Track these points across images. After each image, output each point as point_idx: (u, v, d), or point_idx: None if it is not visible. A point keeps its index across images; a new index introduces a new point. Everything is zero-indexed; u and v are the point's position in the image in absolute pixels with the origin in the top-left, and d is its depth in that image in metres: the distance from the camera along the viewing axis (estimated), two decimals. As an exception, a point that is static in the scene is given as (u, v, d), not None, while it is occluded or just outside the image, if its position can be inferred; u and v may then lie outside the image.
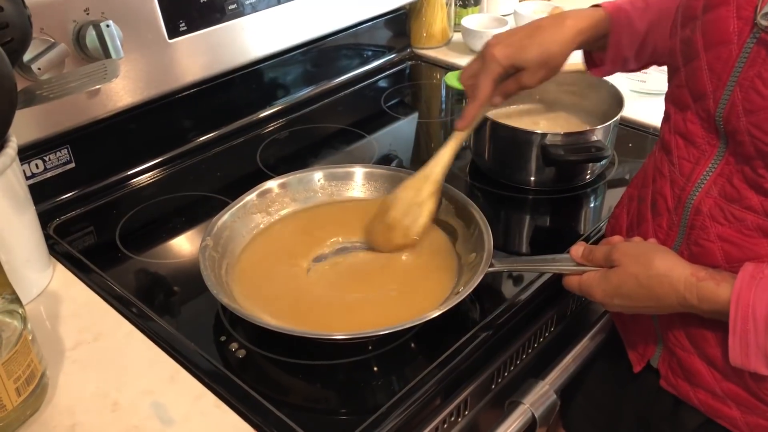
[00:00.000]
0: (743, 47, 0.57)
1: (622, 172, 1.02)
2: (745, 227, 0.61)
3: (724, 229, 0.63)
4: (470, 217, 0.81)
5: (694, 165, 0.64)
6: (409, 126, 1.21)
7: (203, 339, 0.74)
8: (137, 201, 0.98)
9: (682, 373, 0.71)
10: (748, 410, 0.66)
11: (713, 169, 0.63)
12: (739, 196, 0.61)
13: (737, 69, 0.58)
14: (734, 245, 0.62)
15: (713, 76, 0.60)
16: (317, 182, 0.89)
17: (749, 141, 0.58)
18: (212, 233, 0.78)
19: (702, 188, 0.64)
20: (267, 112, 1.19)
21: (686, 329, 0.68)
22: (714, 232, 0.63)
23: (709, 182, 0.63)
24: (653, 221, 0.70)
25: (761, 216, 0.60)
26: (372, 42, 1.35)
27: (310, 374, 0.70)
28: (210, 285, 0.71)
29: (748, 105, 0.57)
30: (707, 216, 0.64)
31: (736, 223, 0.62)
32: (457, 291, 0.74)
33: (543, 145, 0.91)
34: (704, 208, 0.64)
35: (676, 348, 0.71)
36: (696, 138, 0.64)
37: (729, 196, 0.62)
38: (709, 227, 0.64)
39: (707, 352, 0.67)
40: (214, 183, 1.02)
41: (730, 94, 0.59)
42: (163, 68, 1.00)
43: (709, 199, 0.63)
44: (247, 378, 0.69)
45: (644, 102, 1.18)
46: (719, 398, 0.68)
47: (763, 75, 0.56)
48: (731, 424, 0.68)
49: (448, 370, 0.70)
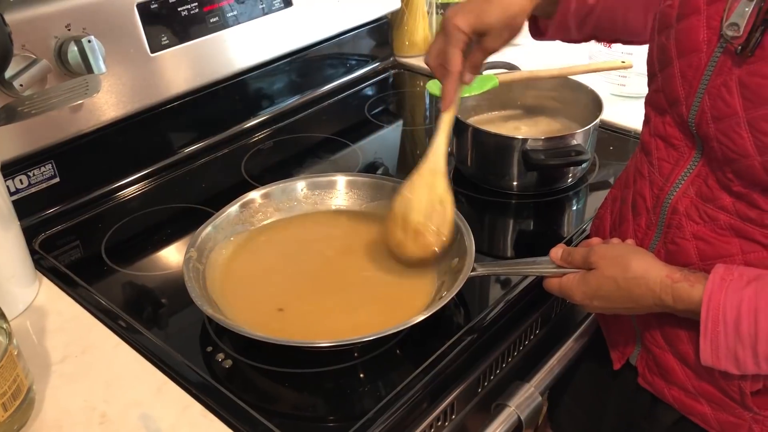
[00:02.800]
0: (711, 56, 0.58)
1: (604, 175, 1.04)
2: (718, 226, 0.63)
3: (699, 228, 0.64)
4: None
5: (673, 166, 0.66)
6: (393, 134, 1.22)
7: (190, 350, 0.74)
8: (122, 214, 0.98)
9: (657, 371, 0.72)
10: (719, 407, 0.68)
11: (691, 169, 0.64)
12: (713, 196, 0.62)
13: (706, 77, 0.59)
14: (708, 243, 0.64)
15: (685, 83, 0.61)
16: (300, 192, 0.89)
17: (717, 147, 0.59)
18: (196, 245, 0.78)
19: (680, 188, 0.65)
20: (251, 123, 1.20)
21: (662, 328, 0.70)
22: (689, 230, 0.65)
23: (687, 183, 0.64)
24: (633, 221, 0.72)
25: (733, 216, 0.61)
26: (355, 51, 1.36)
27: (297, 382, 0.71)
28: (194, 297, 0.71)
29: (716, 112, 0.59)
30: (684, 215, 0.65)
31: (710, 223, 0.63)
32: (440, 296, 0.74)
33: (524, 150, 0.92)
34: (681, 207, 0.65)
35: (653, 346, 0.72)
36: (675, 141, 0.65)
37: (704, 196, 0.63)
38: (684, 226, 0.65)
39: (680, 350, 0.69)
40: (199, 194, 1.02)
41: (700, 101, 0.60)
42: (146, 82, 1.00)
43: (686, 199, 0.65)
44: (234, 388, 0.69)
45: (624, 105, 1.20)
46: (692, 395, 0.69)
47: (728, 84, 0.57)
48: (703, 421, 0.69)
49: (434, 375, 0.70)
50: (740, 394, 0.65)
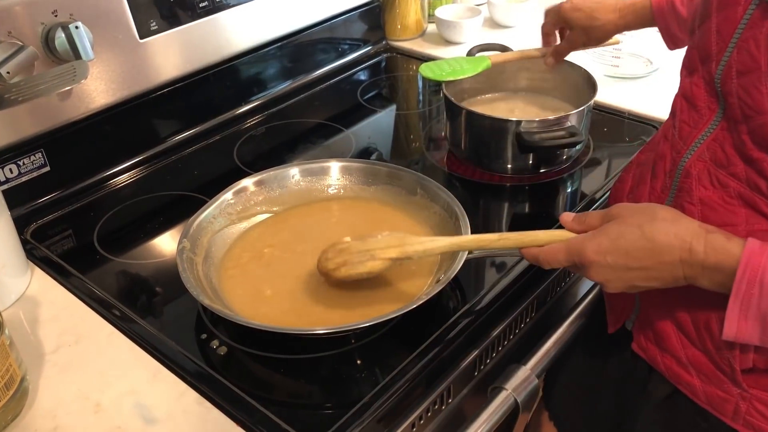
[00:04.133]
0: (747, 9, 0.58)
1: (598, 157, 1.03)
2: (727, 194, 0.62)
3: (707, 194, 0.64)
4: (446, 205, 0.82)
5: (692, 128, 0.65)
6: (387, 118, 1.21)
7: (184, 338, 0.74)
8: (115, 202, 0.98)
9: (653, 337, 0.72)
10: (708, 379, 0.68)
11: (709, 133, 0.64)
12: (727, 162, 0.62)
13: (739, 30, 0.59)
14: (713, 210, 0.63)
15: (719, 38, 0.61)
16: (293, 178, 0.89)
17: (737, 103, 0.59)
18: (188, 235, 0.78)
19: (695, 151, 0.65)
20: (243, 109, 1.19)
21: (663, 293, 0.68)
22: (697, 195, 0.64)
23: (703, 146, 0.64)
24: (650, 183, 0.72)
25: (743, 184, 0.61)
26: (347, 35, 1.35)
27: (293, 369, 0.70)
28: (190, 287, 0.71)
29: (741, 66, 0.59)
30: (695, 179, 0.65)
31: (720, 189, 0.63)
32: (437, 279, 0.74)
33: (518, 132, 0.92)
34: (694, 171, 0.65)
35: (650, 310, 0.72)
36: (698, 101, 0.65)
37: (719, 161, 0.63)
38: (693, 190, 0.65)
39: (678, 316, 0.68)
40: (192, 182, 1.01)
41: (729, 56, 0.60)
42: (135, 68, 0.99)
43: (700, 163, 0.64)
44: (229, 375, 0.69)
45: (618, 86, 1.19)
46: (683, 365, 0.69)
47: (757, 37, 0.57)
48: (692, 392, 0.70)
49: (430, 359, 0.70)
50: (731, 368, 0.65)
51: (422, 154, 1.09)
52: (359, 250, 0.72)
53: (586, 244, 0.62)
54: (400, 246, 0.71)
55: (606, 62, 1.21)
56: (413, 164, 1.05)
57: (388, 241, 0.72)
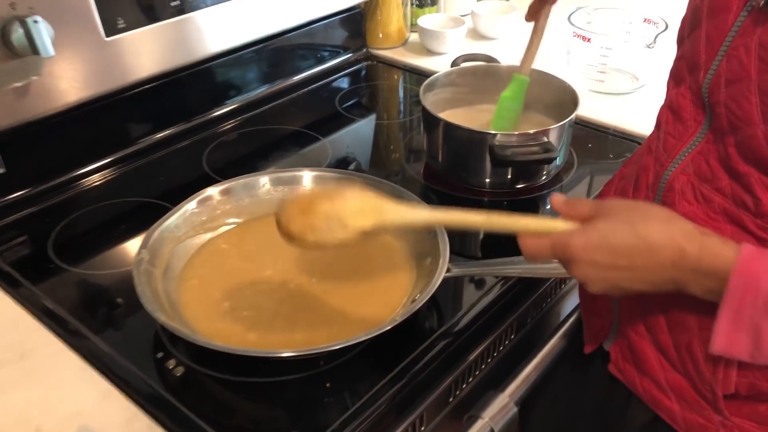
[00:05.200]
0: (738, 16, 0.56)
1: (581, 174, 1.00)
2: (712, 210, 0.60)
3: (692, 209, 0.61)
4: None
5: (677, 140, 0.63)
6: (366, 128, 1.17)
7: (140, 356, 0.69)
8: (74, 208, 0.92)
9: (631, 358, 0.69)
10: (688, 405, 0.64)
11: (694, 146, 0.61)
12: (712, 176, 0.60)
13: (729, 38, 0.57)
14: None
15: (708, 46, 0.59)
16: (263, 187, 0.84)
17: (725, 114, 0.57)
18: (148, 245, 0.73)
19: (679, 165, 0.62)
20: (214, 114, 1.14)
21: (643, 312, 0.65)
22: (681, 211, 0.61)
23: (687, 159, 0.62)
24: (633, 196, 0.69)
25: (728, 199, 0.58)
26: (327, 41, 1.31)
27: (257, 392, 0.66)
28: (145, 301, 0.66)
29: (730, 75, 0.56)
30: (678, 193, 0.62)
31: (704, 204, 0.60)
32: (413, 299, 0.70)
33: (491, 145, 0.88)
34: (677, 185, 0.62)
35: (630, 331, 0.68)
36: (684, 113, 0.63)
37: (703, 175, 0.60)
38: (676, 205, 0.62)
39: (659, 338, 0.65)
40: (157, 188, 0.96)
41: (718, 65, 0.58)
42: (100, 68, 0.94)
43: (684, 177, 0.62)
44: (185, 398, 0.64)
45: (603, 101, 1.17)
46: (663, 389, 0.66)
47: (748, 44, 0.55)
48: (671, 418, 0.66)
49: (404, 383, 0.66)
50: (713, 394, 0.62)
51: (402, 166, 1.06)
52: (327, 215, 0.61)
53: (574, 239, 0.57)
54: (375, 214, 0.61)
55: (591, 77, 1.18)
56: (392, 176, 1.01)
57: (360, 205, 0.62)
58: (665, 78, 0.68)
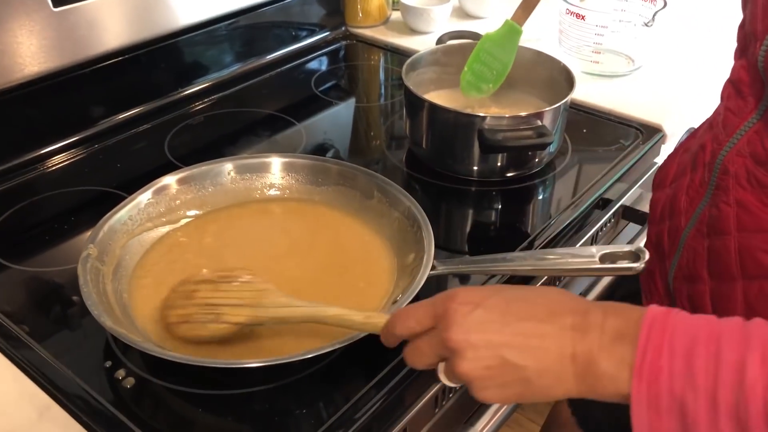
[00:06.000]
0: None
1: (576, 161, 0.93)
2: (765, 195, 0.55)
3: (744, 194, 0.56)
4: (407, 212, 0.71)
5: (736, 117, 0.58)
6: (344, 112, 1.09)
7: (86, 366, 0.61)
8: (17, 199, 0.83)
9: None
10: None
11: (752, 124, 0.56)
12: (766, 158, 0.54)
13: None
14: (749, 213, 0.56)
15: (765, 16, 0.53)
16: (228, 175, 0.76)
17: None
18: (96, 240, 0.65)
19: (736, 144, 0.57)
20: (178, 95, 1.05)
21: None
22: (734, 195, 0.57)
23: (744, 139, 0.57)
24: (690, 174, 0.64)
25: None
26: (303, 19, 1.23)
27: (220, 406, 0.59)
28: (90, 303, 0.59)
29: None
30: (732, 177, 0.57)
31: (758, 190, 0.55)
32: (394, 300, 0.64)
33: (480, 129, 0.81)
34: (732, 168, 0.57)
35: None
36: (743, 87, 0.57)
37: (758, 157, 0.55)
38: (730, 189, 0.58)
39: None
40: (113, 177, 0.88)
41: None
42: (48, 42, 0.86)
43: (740, 159, 0.57)
44: (137, 413, 0.57)
45: (598, 84, 1.10)
46: None
47: None
48: None
49: (386, 393, 0.60)
50: None
51: (383, 153, 0.98)
52: (206, 303, 0.61)
53: (461, 289, 0.48)
54: (253, 307, 0.60)
55: (585, 58, 1.11)
56: (372, 164, 0.94)
57: (242, 295, 0.61)
58: (663, 59, 0.63)
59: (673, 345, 0.40)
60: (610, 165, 0.91)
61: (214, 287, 0.62)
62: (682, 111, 1.04)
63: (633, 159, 0.93)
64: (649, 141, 0.97)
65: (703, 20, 1.31)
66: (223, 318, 0.60)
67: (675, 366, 0.39)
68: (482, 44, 0.90)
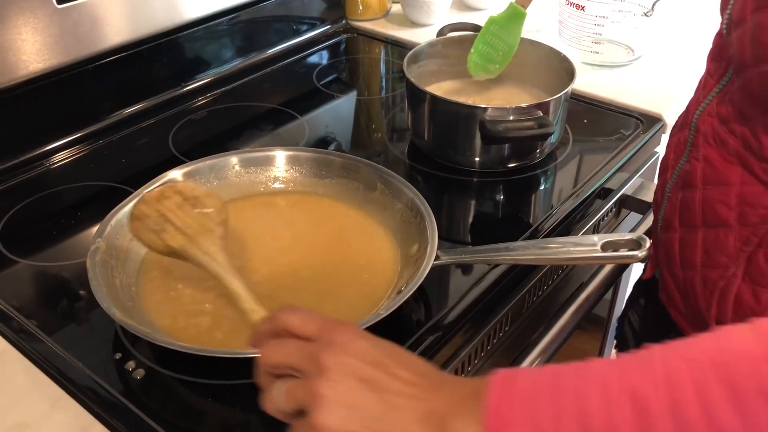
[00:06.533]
0: None
1: (577, 151, 0.94)
2: (726, 151, 0.59)
3: (710, 151, 0.61)
4: (410, 203, 0.71)
5: (711, 79, 0.62)
6: (346, 105, 1.10)
7: (96, 358, 0.62)
8: (25, 194, 0.84)
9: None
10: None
11: (722, 86, 0.60)
12: (728, 118, 0.59)
13: None
14: (713, 168, 0.60)
15: None
16: (232, 169, 0.77)
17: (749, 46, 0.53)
18: (104, 234, 0.66)
19: (708, 104, 0.62)
20: (182, 90, 1.06)
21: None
22: (702, 152, 0.62)
23: (714, 100, 0.61)
24: (678, 133, 0.68)
25: (738, 141, 0.58)
26: (303, 12, 1.23)
27: (227, 396, 0.59)
28: (99, 296, 0.59)
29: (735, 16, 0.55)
30: (702, 135, 0.62)
31: (720, 147, 0.60)
32: (399, 290, 0.64)
33: (482, 120, 0.82)
34: (702, 127, 0.62)
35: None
36: (718, 50, 0.61)
37: (723, 117, 0.60)
38: (700, 147, 0.62)
39: (674, 270, 0.64)
40: (120, 171, 0.89)
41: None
42: (52, 38, 0.86)
43: (709, 118, 0.61)
44: (147, 404, 0.58)
45: (598, 75, 1.10)
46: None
47: None
48: None
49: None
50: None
51: (385, 146, 0.99)
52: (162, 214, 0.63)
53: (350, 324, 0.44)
54: (190, 240, 0.62)
55: (585, 48, 1.11)
56: (375, 156, 0.95)
57: (190, 223, 0.63)
58: (663, 49, 0.65)
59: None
60: (611, 155, 0.92)
61: (181, 203, 0.63)
62: (682, 100, 1.04)
63: (634, 149, 0.93)
64: (649, 130, 0.97)
65: (703, 9, 1.31)
66: (162, 235, 0.62)
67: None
68: (488, 26, 0.92)
